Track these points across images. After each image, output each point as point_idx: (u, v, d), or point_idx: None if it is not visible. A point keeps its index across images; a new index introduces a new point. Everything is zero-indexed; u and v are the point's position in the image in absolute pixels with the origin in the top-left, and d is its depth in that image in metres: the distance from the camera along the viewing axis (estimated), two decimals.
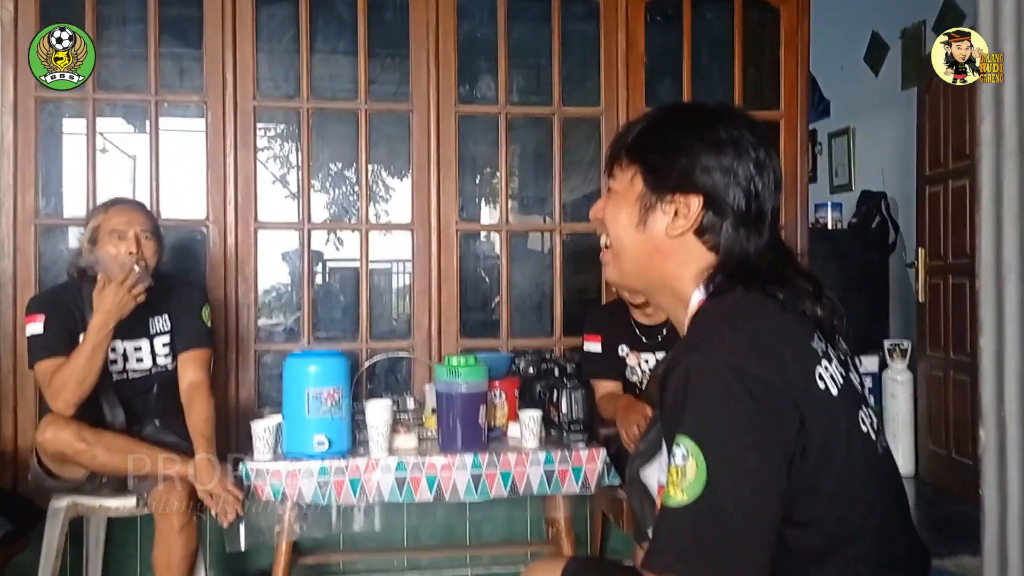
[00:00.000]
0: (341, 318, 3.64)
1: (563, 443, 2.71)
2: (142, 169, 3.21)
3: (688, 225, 1.17)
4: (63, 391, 2.44)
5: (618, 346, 2.94)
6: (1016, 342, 0.88)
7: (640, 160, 1.22)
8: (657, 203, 1.19)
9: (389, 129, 3.44)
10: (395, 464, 2.59)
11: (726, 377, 1.00)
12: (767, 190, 1.18)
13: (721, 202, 1.16)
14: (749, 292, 1.13)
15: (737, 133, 1.18)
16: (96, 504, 2.59)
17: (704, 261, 1.18)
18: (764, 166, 1.18)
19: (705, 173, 1.16)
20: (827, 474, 1.03)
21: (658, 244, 1.20)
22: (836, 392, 1.07)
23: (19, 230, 2.96)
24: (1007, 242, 0.90)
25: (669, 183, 1.18)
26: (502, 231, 3.40)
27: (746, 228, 1.17)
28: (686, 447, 0.99)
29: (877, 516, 1.08)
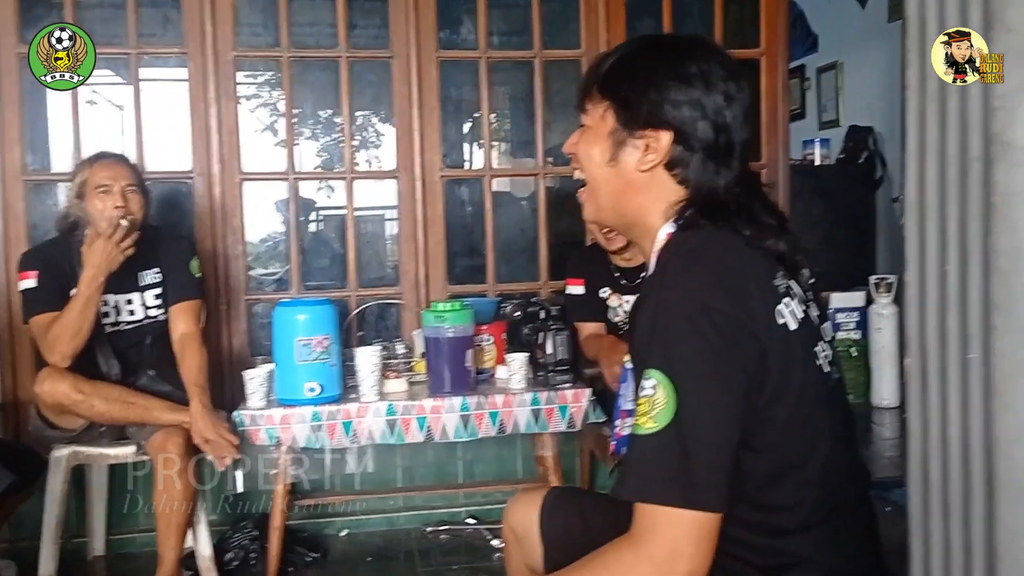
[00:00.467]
0: (330, 266, 3.69)
1: (549, 384, 2.78)
2: (130, 120, 3.22)
3: (658, 159, 1.19)
4: (58, 344, 2.50)
5: (600, 289, 2.99)
6: (935, 276, 0.93)
7: (611, 95, 1.23)
8: (628, 138, 1.20)
9: (372, 76, 3.44)
10: (386, 408, 2.67)
11: (693, 313, 1.05)
12: (736, 122, 1.19)
13: (690, 136, 1.17)
14: (717, 228, 1.16)
15: (707, 66, 1.18)
16: (96, 452, 2.67)
17: (674, 195, 1.20)
18: (733, 98, 1.19)
19: (675, 107, 1.17)
20: (782, 404, 1.08)
21: (630, 179, 1.22)
22: (795, 327, 1.12)
23: (7, 187, 2.97)
24: (928, 180, 0.94)
25: (640, 118, 1.19)
26: (486, 176, 3.42)
27: (715, 161, 1.19)
28: (655, 378, 1.04)
29: (826, 443, 1.14)
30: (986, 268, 0.92)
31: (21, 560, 2.82)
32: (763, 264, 1.16)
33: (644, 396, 1.05)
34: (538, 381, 2.84)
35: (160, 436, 2.52)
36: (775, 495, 1.12)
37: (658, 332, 1.07)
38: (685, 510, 1.01)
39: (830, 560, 1.13)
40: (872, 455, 3.92)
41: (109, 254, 2.48)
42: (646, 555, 1.02)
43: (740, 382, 1.06)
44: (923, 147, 0.99)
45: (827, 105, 6.05)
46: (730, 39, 3.44)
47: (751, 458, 1.09)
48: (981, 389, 0.93)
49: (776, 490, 1.12)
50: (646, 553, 1.02)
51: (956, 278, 0.96)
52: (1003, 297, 0.91)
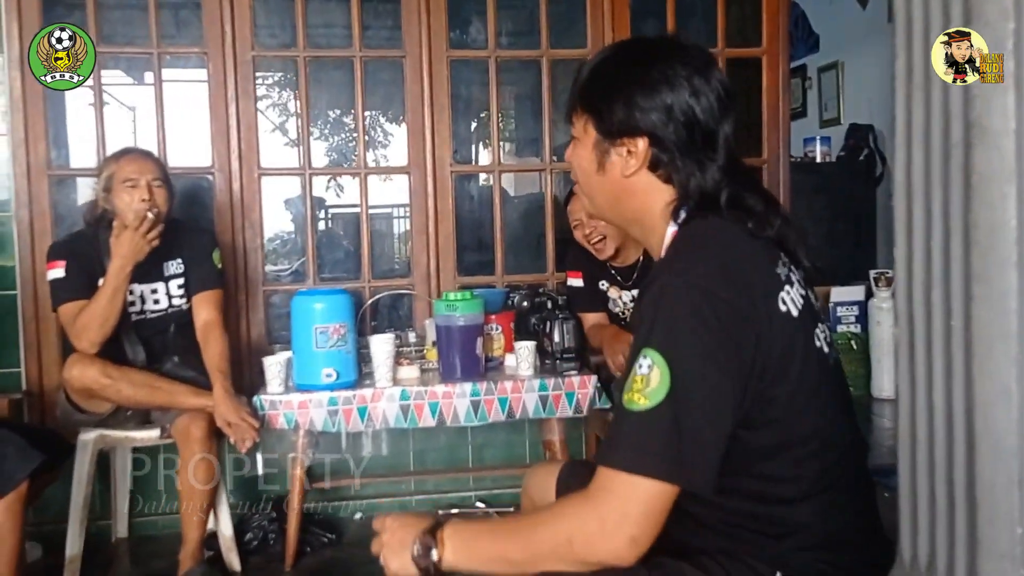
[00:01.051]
0: (344, 260, 3.79)
1: (556, 371, 2.88)
2: (141, 120, 3.31)
3: (639, 164, 1.24)
4: (87, 332, 2.59)
5: (598, 281, 3.09)
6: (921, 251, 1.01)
7: (588, 109, 1.28)
8: (610, 148, 1.26)
9: (384, 75, 3.54)
10: (399, 393, 2.76)
11: (695, 298, 1.10)
12: (708, 115, 1.22)
13: (664, 138, 1.22)
14: (722, 219, 1.21)
15: (669, 68, 1.22)
16: (122, 435, 2.77)
17: (666, 195, 1.25)
18: (700, 92, 1.22)
19: (644, 114, 1.21)
20: (781, 385, 1.15)
21: (620, 185, 1.27)
22: (796, 313, 1.18)
23: (32, 181, 3.07)
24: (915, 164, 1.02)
25: (615, 128, 1.24)
26: (494, 172, 3.52)
27: (694, 156, 1.23)
28: (652, 358, 1.08)
29: (826, 419, 1.21)
30: (967, 242, 1.01)
31: (47, 543, 2.93)
32: (765, 253, 1.22)
33: (639, 374, 1.09)
34: (545, 368, 2.93)
35: (184, 420, 2.61)
36: (777, 467, 1.18)
37: (660, 314, 1.11)
38: (647, 479, 1.06)
39: (828, 527, 1.20)
40: (872, 444, 4.02)
41: (136, 245, 2.58)
42: (595, 510, 1.08)
43: (736, 368, 1.10)
44: (910, 133, 1.08)
45: (828, 104, 6.15)
46: (732, 37, 3.53)
47: (752, 435, 1.15)
48: (963, 354, 1.02)
49: (777, 463, 1.18)
50: (596, 509, 1.08)
51: (940, 253, 1.04)
52: (981, 268, 1.00)
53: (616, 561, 1.08)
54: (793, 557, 1.18)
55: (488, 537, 1.19)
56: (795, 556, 1.18)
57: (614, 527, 1.07)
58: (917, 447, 1.05)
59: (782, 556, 1.18)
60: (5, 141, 3.04)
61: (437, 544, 1.17)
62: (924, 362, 1.04)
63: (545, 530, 1.13)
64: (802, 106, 6.35)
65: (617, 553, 1.07)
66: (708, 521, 1.22)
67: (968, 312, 0.98)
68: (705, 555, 1.21)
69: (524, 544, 1.14)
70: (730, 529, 1.21)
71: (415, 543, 1.18)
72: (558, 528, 1.11)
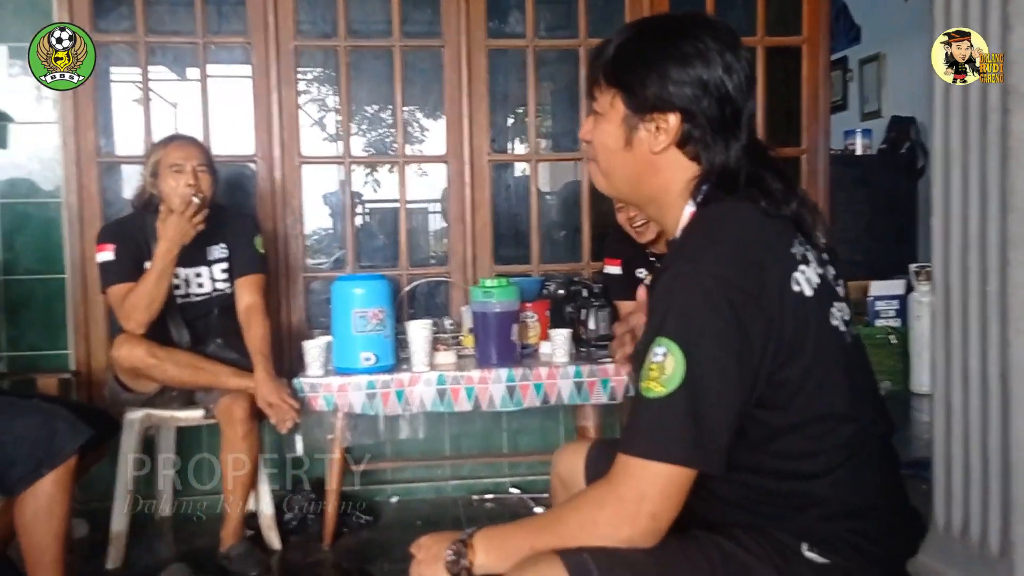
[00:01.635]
0: (382, 249, 3.83)
1: (591, 358, 2.89)
2: (183, 117, 3.38)
3: (669, 140, 1.23)
4: (135, 312, 2.66)
5: (636, 269, 3.08)
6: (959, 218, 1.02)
7: (617, 83, 1.26)
8: (639, 123, 1.25)
9: (423, 64, 3.57)
10: (436, 378, 2.80)
11: (708, 285, 1.10)
12: (738, 92, 1.22)
13: (697, 114, 1.22)
14: (736, 200, 1.21)
15: (702, 43, 1.21)
16: (167, 415, 2.84)
17: (689, 172, 1.25)
18: (732, 69, 1.22)
19: (678, 88, 1.21)
20: (794, 365, 1.15)
21: (646, 161, 1.26)
22: (811, 293, 1.18)
23: (82, 168, 3.15)
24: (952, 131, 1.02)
25: (647, 103, 1.23)
26: (531, 161, 3.54)
27: (723, 134, 1.23)
28: (666, 346, 1.10)
29: (843, 397, 1.20)
30: (1004, 207, 1.01)
31: (93, 520, 3.01)
32: (780, 233, 1.21)
33: (655, 362, 1.10)
34: (580, 356, 2.95)
35: (227, 400, 2.67)
36: (796, 444, 1.18)
37: (673, 303, 1.12)
38: (664, 464, 1.09)
39: (852, 500, 1.20)
40: (910, 438, 3.97)
41: (182, 228, 2.64)
42: (615, 494, 1.11)
43: (748, 353, 1.11)
44: (948, 101, 1.08)
45: (869, 96, 6.07)
46: (772, 26, 3.51)
47: (770, 414, 1.16)
48: (998, 318, 1.02)
49: (796, 439, 1.18)
50: (615, 492, 1.12)
51: (977, 218, 1.04)
52: (1019, 233, 1.00)
53: (640, 540, 1.12)
54: (819, 528, 1.19)
55: (518, 534, 1.22)
56: (821, 527, 1.19)
57: (634, 508, 1.10)
58: (952, 413, 1.05)
59: (808, 528, 1.19)
60: (56, 129, 3.13)
61: (467, 548, 1.21)
62: (960, 326, 1.04)
63: (572, 517, 1.16)
64: (843, 99, 6.28)
65: (639, 533, 1.11)
66: (732, 499, 1.23)
67: (1004, 276, 0.99)
68: (736, 528, 1.22)
69: (554, 533, 1.17)
70: (754, 506, 1.22)
71: (447, 552, 1.21)
72: (584, 514, 1.15)
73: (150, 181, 2.78)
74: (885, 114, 5.79)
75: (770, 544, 1.19)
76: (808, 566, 1.18)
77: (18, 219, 3.14)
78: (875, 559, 1.19)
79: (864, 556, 1.19)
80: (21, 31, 3.08)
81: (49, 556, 2.23)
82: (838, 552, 1.18)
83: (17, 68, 3.12)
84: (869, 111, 6.05)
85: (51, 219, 3.14)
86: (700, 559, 1.17)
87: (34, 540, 2.22)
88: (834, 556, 1.18)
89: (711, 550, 1.19)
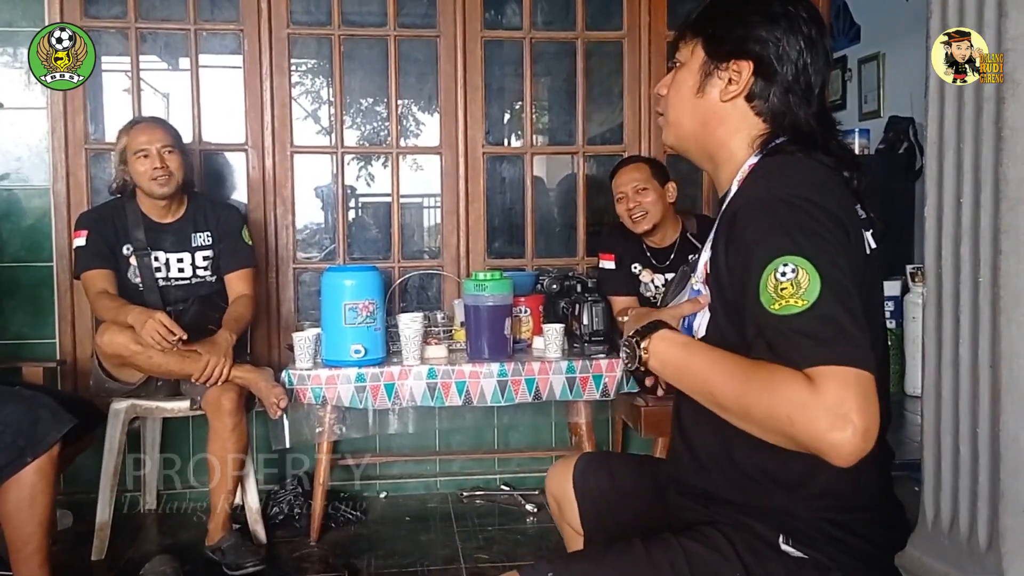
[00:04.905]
0: (374, 241, 3.80)
1: (584, 353, 2.86)
2: (175, 106, 3.36)
3: (740, 90, 1.26)
4: (102, 313, 2.71)
5: (631, 264, 3.07)
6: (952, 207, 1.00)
7: (701, 31, 1.31)
8: (715, 70, 1.28)
9: (417, 54, 3.54)
10: (427, 371, 2.77)
11: (806, 206, 1.10)
12: (815, 65, 1.25)
13: (770, 70, 1.24)
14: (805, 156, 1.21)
15: (792, 9, 1.25)
16: (153, 406, 2.81)
17: (755, 128, 1.27)
18: (814, 42, 1.25)
19: (757, 42, 1.24)
20: None
21: (714, 109, 1.29)
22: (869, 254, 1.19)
23: (70, 155, 3.12)
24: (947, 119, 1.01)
25: (725, 51, 1.27)
26: (527, 154, 3.52)
27: (794, 97, 1.25)
28: (793, 263, 1.06)
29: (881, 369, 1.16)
30: (996, 196, 0.99)
31: (78, 511, 2.98)
32: (847, 193, 1.22)
33: (785, 281, 1.06)
34: (574, 351, 2.92)
35: (214, 391, 2.64)
36: None
37: (777, 224, 1.10)
38: (855, 369, 1.02)
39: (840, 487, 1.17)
40: (904, 440, 3.95)
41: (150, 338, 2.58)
42: (822, 401, 1.01)
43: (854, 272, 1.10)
44: (943, 88, 1.06)
45: (868, 96, 6.05)
46: None
47: None
48: (989, 308, 1.00)
49: None
50: (823, 399, 1.01)
51: (969, 208, 1.02)
52: (1011, 222, 0.98)
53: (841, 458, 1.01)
54: (800, 519, 1.17)
55: (702, 363, 1.16)
56: (802, 515, 1.17)
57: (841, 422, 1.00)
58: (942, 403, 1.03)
59: (788, 518, 1.17)
60: (44, 115, 3.10)
61: (640, 351, 1.19)
62: (951, 316, 1.02)
63: (763, 396, 1.06)
64: (842, 98, 6.26)
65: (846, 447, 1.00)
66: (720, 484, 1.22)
67: (996, 265, 0.97)
68: (709, 526, 1.21)
69: (738, 395, 1.09)
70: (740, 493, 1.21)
71: (623, 347, 1.21)
72: (778, 404, 1.05)
73: (120, 168, 2.78)
74: (884, 114, 5.76)
75: (743, 542, 1.18)
76: (782, 562, 1.16)
77: (5, 206, 3.11)
78: (858, 554, 1.17)
79: (844, 551, 1.17)
80: (10, 17, 3.06)
81: (32, 546, 2.20)
82: (816, 546, 1.16)
83: (6, 55, 3.09)
84: (868, 111, 6.02)
85: (39, 206, 3.12)
86: (664, 564, 1.16)
87: (17, 529, 2.20)
88: (811, 551, 1.16)
89: (676, 553, 1.17)
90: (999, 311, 0.98)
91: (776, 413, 1.04)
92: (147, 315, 2.57)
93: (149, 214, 2.85)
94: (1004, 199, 0.98)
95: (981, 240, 1.00)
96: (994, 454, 0.99)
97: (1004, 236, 0.97)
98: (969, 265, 1.03)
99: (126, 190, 2.83)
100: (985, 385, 1.00)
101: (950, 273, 1.05)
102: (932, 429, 1.07)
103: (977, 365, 1.00)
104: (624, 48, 3.46)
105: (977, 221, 1.01)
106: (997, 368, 0.99)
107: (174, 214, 2.88)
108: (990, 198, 1.01)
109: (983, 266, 1.01)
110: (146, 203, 2.84)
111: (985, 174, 1.01)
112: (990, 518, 0.99)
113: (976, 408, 1.01)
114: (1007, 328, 0.97)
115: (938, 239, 1.06)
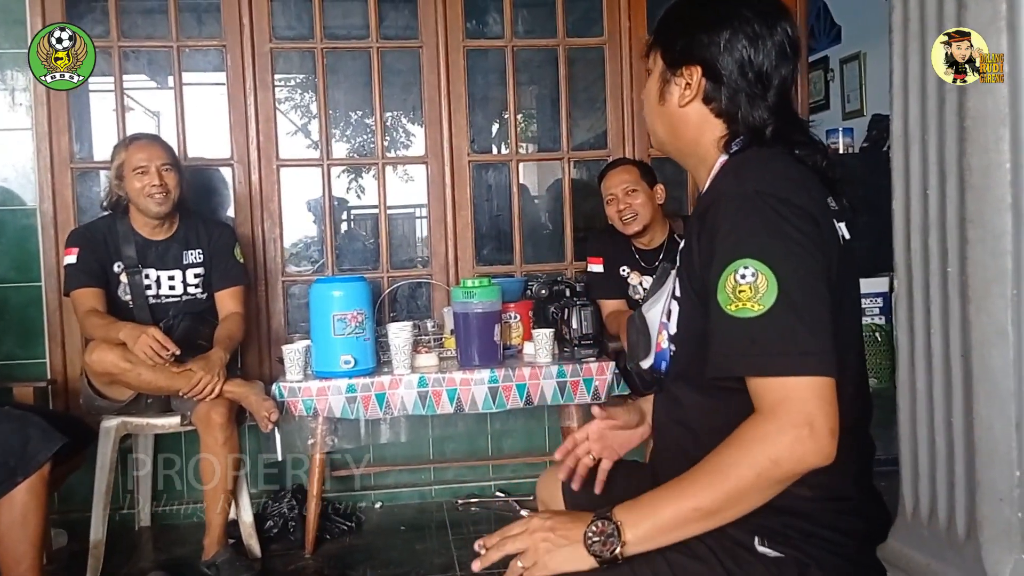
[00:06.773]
0: (363, 251, 3.82)
1: (574, 357, 2.87)
2: (166, 124, 3.36)
3: (694, 94, 1.30)
4: (91, 331, 2.69)
5: (619, 267, 3.09)
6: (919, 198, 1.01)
7: (658, 41, 1.36)
8: (672, 77, 1.32)
9: (401, 65, 3.56)
10: (417, 380, 2.77)
11: (775, 204, 1.11)
12: (766, 60, 1.26)
13: (717, 72, 1.27)
14: (769, 150, 1.24)
15: (734, 11, 1.28)
16: (144, 422, 2.80)
17: (717, 129, 1.30)
18: (760, 38, 1.26)
19: (702, 48, 1.28)
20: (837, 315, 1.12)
21: (677, 115, 1.33)
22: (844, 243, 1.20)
23: (56, 174, 3.13)
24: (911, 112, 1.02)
25: (677, 58, 1.31)
26: (512, 161, 3.53)
27: (747, 96, 1.27)
28: (753, 267, 1.08)
29: (856, 358, 1.21)
30: (961, 186, 1.01)
31: (72, 530, 2.98)
32: (816, 182, 1.23)
33: (744, 284, 1.09)
34: (564, 356, 2.93)
35: (205, 407, 2.64)
36: None
37: (741, 224, 1.12)
38: (808, 377, 1.04)
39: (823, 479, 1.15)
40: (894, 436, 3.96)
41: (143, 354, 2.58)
42: (785, 423, 1.04)
43: (824, 268, 1.11)
44: (906, 82, 1.08)
45: (851, 95, 6.08)
46: None
47: None
48: (959, 297, 1.01)
49: None
50: (784, 421, 1.04)
51: (936, 197, 1.04)
52: (976, 211, 0.99)
53: (825, 460, 1.06)
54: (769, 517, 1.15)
55: (669, 501, 1.13)
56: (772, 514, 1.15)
57: (809, 431, 1.04)
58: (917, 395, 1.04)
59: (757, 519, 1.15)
60: (29, 135, 3.11)
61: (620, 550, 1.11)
62: (922, 307, 1.03)
63: (740, 466, 1.08)
64: (825, 98, 6.29)
65: (825, 452, 1.05)
66: None
67: (963, 254, 0.98)
68: None
69: (718, 489, 1.09)
70: None
71: (588, 533, 1.13)
72: (755, 457, 1.07)
73: (116, 183, 2.77)
74: (867, 112, 5.79)
75: (722, 547, 1.18)
76: (761, 563, 1.17)
77: None
78: (835, 548, 1.17)
79: (820, 547, 1.17)
80: None
81: (24, 565, 2.20)
82: (791, 544, 1.16)
83: None
84: (851, 110, 6.05)
85: (26, 226, 3.12)
86: None
87: (9, 549, 2.20)
88: (787, 548, 1.16)
89: (660, 566, 1.17)
90: (968, 300, 1.00)
91: (760, 470, 1.06)
92: (140, 331, 2.57)
93: (141, 231, 2.85)
94: (969, 188, 1.00)
95: (948, 230, 1.02)
96: (969, 444, 1.00)
97: (970, 225, 0.99)
98: (937, 256, 1.04)
99: (119, 206, 2.82)
100: (958, 375, 1.01)
101: (919, 264, 1.07)
102: (908, 420, 1.09)
103: (949, 355, 1.02)
104: (606, 54, 3.48)
105: (944, 212, 1.02)
106: (968, 358, 1.00)
107: (166, 232, 2.88)
108: (955, 188, 1.02)
109: (951, 256, 1.02)
110: (139, 220, 2.84)
111: (950, 165, 1.03)
112: (968, 508, 1.00)
113: (950, 398, 1.02)
114: (976, 317, 0.98)
115: (906, 231, 1.07)
